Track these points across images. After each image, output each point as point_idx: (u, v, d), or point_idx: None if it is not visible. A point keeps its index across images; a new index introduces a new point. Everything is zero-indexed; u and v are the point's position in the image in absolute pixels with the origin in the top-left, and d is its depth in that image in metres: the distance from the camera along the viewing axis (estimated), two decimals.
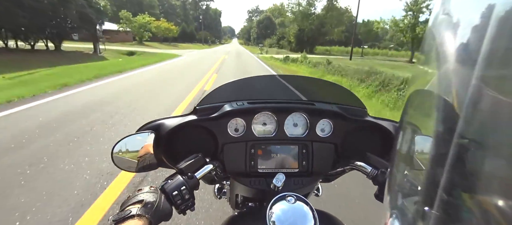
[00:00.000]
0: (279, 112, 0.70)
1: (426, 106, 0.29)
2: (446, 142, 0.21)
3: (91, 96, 4.85)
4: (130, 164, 0.60)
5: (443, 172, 0.21)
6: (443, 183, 0.21)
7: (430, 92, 0.26)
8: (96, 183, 1.96)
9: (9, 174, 2.06)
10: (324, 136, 0.71)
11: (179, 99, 4.93)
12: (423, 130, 0.28)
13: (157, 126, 0.65)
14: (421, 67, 0.29)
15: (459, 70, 0.22)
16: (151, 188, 0.48)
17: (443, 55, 0.24)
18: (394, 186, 0.33)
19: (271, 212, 0.50)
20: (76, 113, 3.68)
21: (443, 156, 0.21)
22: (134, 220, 0.40)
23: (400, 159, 0.32)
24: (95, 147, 2.59)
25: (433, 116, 0.25)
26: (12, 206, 1.68)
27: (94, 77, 6.90)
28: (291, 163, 0.69)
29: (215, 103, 0.70)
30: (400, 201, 0.30)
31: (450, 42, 0.23)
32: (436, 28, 0.26)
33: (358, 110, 0.73)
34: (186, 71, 9.60)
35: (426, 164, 0.25)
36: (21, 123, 3.20)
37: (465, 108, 0.19)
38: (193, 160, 0.57)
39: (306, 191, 0.72)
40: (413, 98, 0.31)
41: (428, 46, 0.28)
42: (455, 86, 0.22)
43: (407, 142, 0.30)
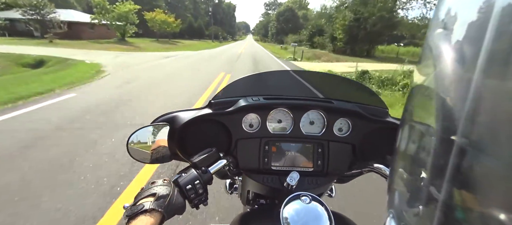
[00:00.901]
0: (295, 109, 0.68)
1: (427, 107, 0.28)
2: (447, 143, 0.21)
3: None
4: (144, 155, 0.61)
5: (443, 173, 0.21)
6: (445, 183, 0.21)
7: (431, 94, 0.26)
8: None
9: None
10: (342, 135, 0.69)
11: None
12: (424, 130, 0.27)
13: (172, 118, 0.64)
14: (422, 69, 0.29)
15: (459, 72, 0.22)
16: (164, 181, 0.48)
17: (442, 59, 0.24)
18: (393, 186, 0.33)
19: (284, 211, 0.49)
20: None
21: (444, 158, 0.21)
22: (147, 215, 0.40)
23: (399, 158, 0.32)
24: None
25: (434, 118, 0.24)
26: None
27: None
28: (305, 162, 0.68)
29: (231, 97, 0.69)
30: (397, 200, 0.31)
31: (450, 44, 0.23)
32: (437, 29, 0.26)
33: (379, 110, 0.71)
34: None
35: (426, 164, 0.25)
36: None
37: (466, 110, 0.19)
38: (207, 155, 0.56)
39: (320, 191, 0.70)
40: (415, 97, 0.31)
41: (425, 57, 0.28)
42: (456, 88, 0.22)
43: (407, 141, 0.31)
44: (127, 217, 0.40)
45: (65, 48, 15.28)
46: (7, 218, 1.61)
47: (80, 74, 6.89)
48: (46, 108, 3.96)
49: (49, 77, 6.23)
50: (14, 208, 1.69)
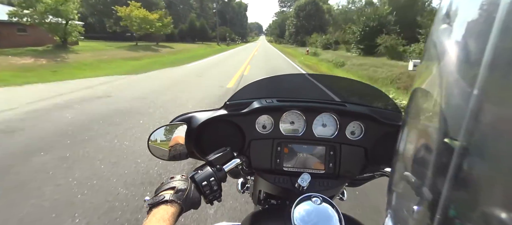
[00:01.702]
0: (308, 111, 0.69)
1: (427, 108, 0.28)
2: (447, 146, 0.21)
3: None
4: (163, 152, 0.65)
5: (442, 175, 0.20)
6: (445, 185, 0.20)
7: (433, 94, 0.25)
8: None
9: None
10: (354, 139, 0.69)
11: None
12: (425, 130, 0.27)
13: (189, 118, 0.68)
14: (425, 68, 0.28)
15: (461, 74, 0.21)
16: (182, 177, 0.51)
17: (446, 57, 0.23)
18: (392, 187, 0.33)
19: (295, 211, 0.49)
20: None
21: (443, 160, 0.21)
22: (167, 205, 0.44)
23: (399, 159, 0.32)
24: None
25: (434, 119, 0.24)
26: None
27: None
28: (317, 164, 0.68)
29: (245, 99, 0.71)
30: (395, 201, 0.31)
31: (452, 48, 0.22)
32: (441, 25, 0.25)
33: (392, 113, 0.71)
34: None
35: (427, 166, 0.24)
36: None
37: (470, 109, 0.19)
38: (221, 153, 0.58)
39: (331, 193, 0.68)
40: (416, 98, 0.30)
41: (428, 54, 0.27)
42: (458, 92, 0.21)
43: (407, 143, 0.30)
44: (149, 205, 0.44)
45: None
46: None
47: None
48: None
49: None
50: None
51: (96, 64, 11.86)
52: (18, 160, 2.53)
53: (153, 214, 0.42)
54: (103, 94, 5.71)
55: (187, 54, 19.99)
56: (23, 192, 2.01)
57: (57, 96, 5.38)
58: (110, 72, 9.62)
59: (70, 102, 4.87)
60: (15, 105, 4.49)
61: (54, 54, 13.10)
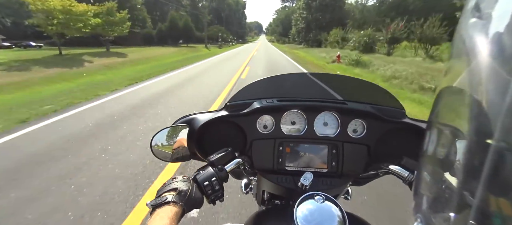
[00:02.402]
0: (309, 110, 0.69)
1: (459, 106, 0.26)
2: (482, 147, 0.19)
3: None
4: (165, 154, 0.66)
5: (477, 178, 0.19)
6: (479, 191, 0.19)
7: (464, 92, 0.24)
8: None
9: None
10: (356, 137, 0.69)
11: None
12: (455, 132, 0.26)
13: (191, 120, 0.67)
14: (454, 64, 0.27)
15: (496, 69, 0.19)
16: (184, 177, 0.51)
17: (478, 51, 0.22)
18: (420, 190, 0.32)
19: (298, 210, 0.49)
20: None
21: (478, 162, 0.20)
22: (169, 206, 0.44)
23: (428, 162, 0.31)
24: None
25: (467, 118, 0.23)
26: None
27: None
28: (319, 163, 0.68)
29: (246, 100, 0.71)
30: (425, 205, 0.30)
31: (485, 38, 0.21)
32: (470, 21, 0.24)
33: (395, 110, 0.70)
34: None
35: (459, 169, 0.23)
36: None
37: (504, 111, 0.18)
38: (223, 154, 0.58)
39: (335, 192, 0.69)
40: (445, 97, 0.29)
41: (460, 41, 0.25)
42: (493, 87, 0.20)
43: (436, 144, 0.29)
44: (152, 206, 0.44)
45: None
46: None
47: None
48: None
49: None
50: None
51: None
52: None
53: (156, 215, 0.42)
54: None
55: (133, 70, 11.18)
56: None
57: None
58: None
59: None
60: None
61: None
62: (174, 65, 11.99)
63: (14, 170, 2.43)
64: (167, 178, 0.56)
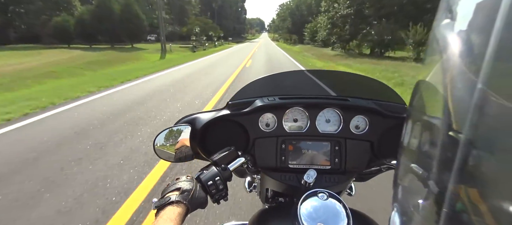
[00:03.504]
0: (311, 107, 0.69)
1: (433, 100, 0.27)
2: (453, 138, 0.20)
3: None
4: (168, 155, 0.65)
5: (448, 168, 0.20)
6: (450, 179, 0.20)
7: (437, 86, 0.25)
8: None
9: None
10: (359, 133, 0.69)
11: None
12: (429, 124, 0.26)
13: (193, 119, 0.68)
14: (429, 61, 0.28)
15: (464, 69, 0.21)
16: (187, 177, 0.51)
17: (449, 52, 0.23)
18: (398, 180, 0.33)
19: (301, 207, 0.49)
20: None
21: (450, 152, 0.20)
22: (173, 206, 0.44)
23: (405, 152, 0.32)
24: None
25: (439, 113, 0.24)
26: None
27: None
28: (322, 160, 0.68)
29: (247, 98, 0.71)
30: (401, 195, 0.31)
31: (455, 41, 0.22)
32: (444, 20, 0.25)
33: (397, 106, 0.70)
34: None
35: (432, 159, 0.24)
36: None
37: (474, 103, 0.18)
38: (226, 153, 0.58)
39: (338, 189, 0.69)
40: (421, 89, 0.30)
41: (432, 49, 0.27)
42: (463, 79, 0.21)
43: (412, 135, 0.30)
44: (156, 207, 0.45)
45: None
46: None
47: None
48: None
49: None
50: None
51: None
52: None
53: (161, 215, 0.43)
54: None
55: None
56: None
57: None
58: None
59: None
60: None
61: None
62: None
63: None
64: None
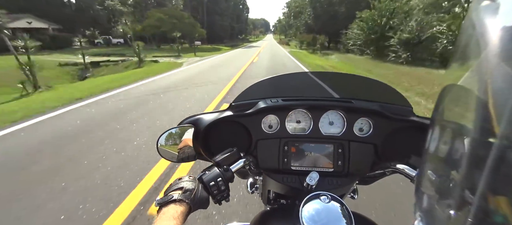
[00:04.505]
0: (314, 109, 0.69)
1: (462, 103, 0.26)
2: (485, 145, 0.19)
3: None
4: (172, 155, 0.66)
5: (479, 176, 0.19)
6: (480, 189, 0.19)
7: (468, 88, 0.23)
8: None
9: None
10: (363, 135, 0.68)
11: None
12: (458, 129, 0.25)
13: (196, 120, 0.67)
14: (458, 61, 0.26)
15: (503, 64, 0.18)
16: (190, 178, 0.52)
17: (485, 47, 0.20)
18: (421, 188, 0.32)
19: (304, 210, 0.49)
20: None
21: (481, 160, 0.19)
22: (176, 204, 0.45)
23: (430, 160, 0.31)
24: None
25: (470, 115, 0.22)
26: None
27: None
28: (325, 162, 0.68)
29: (250, 99, 0.71)
30: (426, 203, 0.30)
31: (493, 33, 0.20)
32: (477, 15, 0.23)
33: (402, 108, 0.69)
34: None
35: (460, 167, 0.23)
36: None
37: (509, 108, 0.17)
38: (228, 154, 0.58)
39: (341, 192, 0.68)
40: (448, 94, 0.28)
41: (467, 36, 0.25)
42: (498, 83, 0.19)
43: (439, 142, 0.29)
44: (158, 204, 0.45)
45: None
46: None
47: None
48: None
49: None
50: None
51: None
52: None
53: (163, 213, 0.43)
54: None
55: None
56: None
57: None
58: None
59: None
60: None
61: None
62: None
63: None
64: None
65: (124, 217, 1.67)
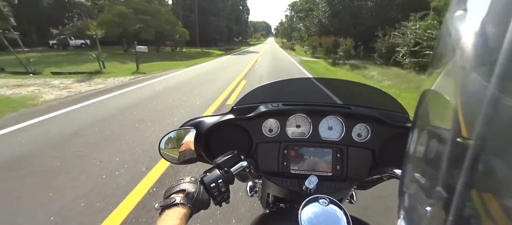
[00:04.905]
0: (314, 114, 0.70)
1: (440, 106, 0.27)
2: (461, 145, 0.20)
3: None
4: (173, 157, 0.67)
5: (458, 175, 0.20)
6: (459, 186, 0.20)
7: (445, 92, 0.24)
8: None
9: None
10: (361, 141, 0.69)
11: None
12: (436, 132, 0.26)
13: (198, 123, 0.69)
14: (435, 66, 0.27)
15: (477, 69, 0.19)
16: (191, 179, 0.52)
17: (460, 53, 0.21)
18: (403, 188, 0.33)
19: (302, 213, 0.49)
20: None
21: (458, 159, 0.20)
22: (178, 208, 0.45)
23: (411, 161, 0.32)
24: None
25: (447, 118, 0.23)
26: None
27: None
28: (324, 166, 0.68)
29: (251, 103, 0.72)
30: (408, 203, 0.31)
31: (467, 39, 0.21)
32: (453, 23, 0.24)
33: (399, 115, 0.71)
34: None
35: (440, 166, 0.23)
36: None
37: (484, 110, 0.18)
38: (229, 156, 0.58)
39: (339, 196, 0.68)
40: (427, 97, 0.29)
41: (443, 42, 0.26)
42: (473, 87, 0.19)
43: (418, 144, 0.30)
44: (161, 207, 0.45)
45: None
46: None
47: None
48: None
49: None
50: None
51: None
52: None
53: (165, 216, 0.43)
54: None
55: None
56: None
57: None
58: None
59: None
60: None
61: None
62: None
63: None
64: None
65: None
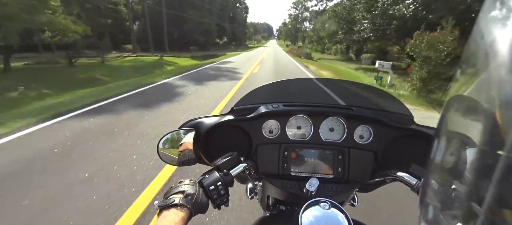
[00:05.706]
0: (315, 115, 0.69)
1: (469, 113, 0.25)
2: (492, 156, 0.19)
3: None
4: (172, 158, 0.66)
5: (486, 187, 0.19)
6: (488, 200, 0.19)
7: (475, 99, 0.23)
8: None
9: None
10: (363, 143, 0.68)
11: None
12: (464, 141, 0.25)
13: (197, 124, 0.67)
14: (465, 70, 0.26)
15: (511, 76, 0.18)
16: (191, 181, 0.51)
17: (494, 56, 0.20)
18: (426, 198, 0.31)
19: (303, 216, 0.49)
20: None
21: (489, 171, 0.19)
22: (177, 208, 0.44)
23: (435, 170, 0.31)
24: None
25: (477, 126, 0.22)
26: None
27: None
28: (325, 168, 0.68)
29: (252, 104, 0.71)
30: (431, 215, 0.29)
31: (503, 41, 0.20)
32: (487, 22, 0.22)
33: (402, 117, 0.70)
34: None
35: (467, 178, 0.23)
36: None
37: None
38: (228, 158, 0.58)
39: (340, 199, 0.68)
40: (455, 104, 0.28)
41: (475, 44, 0.24)
42: (507, 94, 0.18)
43: (445, 152, 0.29)
44: (159, 207, 0.44)
45: None
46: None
47: None
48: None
49: None
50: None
51: None
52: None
53: (164, 217, 0.42)
54: None
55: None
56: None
57: None
58: None
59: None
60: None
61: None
62: None
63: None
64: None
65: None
